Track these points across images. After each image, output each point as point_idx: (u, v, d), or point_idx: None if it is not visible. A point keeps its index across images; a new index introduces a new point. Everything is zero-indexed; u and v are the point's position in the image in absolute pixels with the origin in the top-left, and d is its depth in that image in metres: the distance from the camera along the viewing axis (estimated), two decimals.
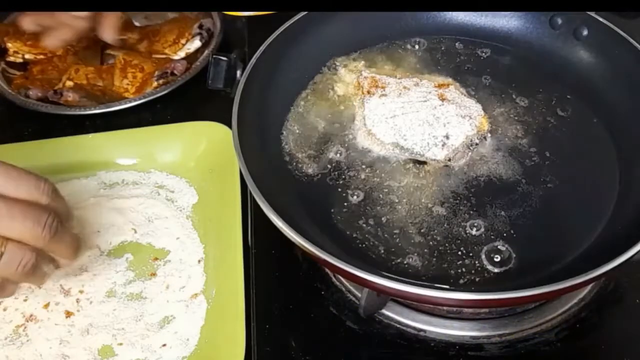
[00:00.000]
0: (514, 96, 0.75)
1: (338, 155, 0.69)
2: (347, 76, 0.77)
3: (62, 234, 0.60)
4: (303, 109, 0.74)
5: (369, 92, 0.72)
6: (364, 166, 0.68)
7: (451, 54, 0.80)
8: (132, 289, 0.70)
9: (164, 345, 0.65)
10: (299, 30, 0.76)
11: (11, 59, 0.98)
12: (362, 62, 0.79)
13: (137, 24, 1.03)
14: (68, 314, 0.68)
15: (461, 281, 0.59)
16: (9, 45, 0.97)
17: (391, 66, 0.78)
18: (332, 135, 0.71)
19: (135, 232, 0.75)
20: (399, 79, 0.73)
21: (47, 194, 0.59)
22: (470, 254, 0.61)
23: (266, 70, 0.72)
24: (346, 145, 0.70)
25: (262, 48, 0.72)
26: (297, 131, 0.72)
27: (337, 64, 0.79)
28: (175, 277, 0.71)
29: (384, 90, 0.71)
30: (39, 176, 0.60)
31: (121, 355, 0.65)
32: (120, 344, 0.65)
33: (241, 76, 0.70)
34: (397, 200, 0.65)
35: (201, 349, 0.65)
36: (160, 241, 0.75)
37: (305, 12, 0.76)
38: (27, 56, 0.97)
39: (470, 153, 0.68)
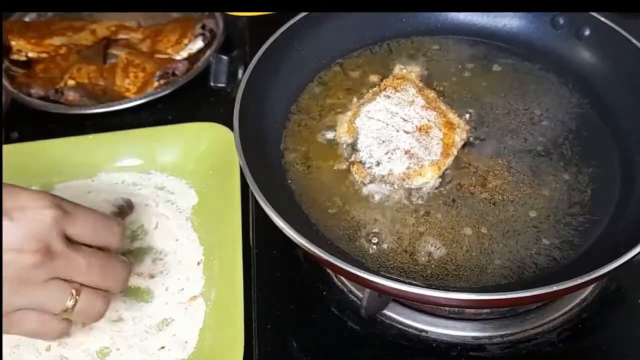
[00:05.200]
0: (515, 96, 0.74)
1: (342, 155, 0.69)
2: (348, 76, 0.77)
3: (125, 273, 0.61)
4: (304, 109, 0.74)
5: (375, 93, 0.72)
6: (367, 165, 0.67)
7: (452, 53, 0.80)
8: (131, 290, 0.70)
9: (163, 347, 0.65)
10: (300, 30, 0.76)
11: (15, 56, 0.98)
12: (362, 61, 0.79)
13: (141, 23, 1.03)
14: None
15: (460, 283, 0.59)
16: (13, 43, 0.98)
17: (391, 66, 0.78)
18: (335, 135, 0.71)
19: None
20: (399, 90, 0.72)
21: (118, 238, 0.61)
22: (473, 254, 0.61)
23: (267, 70, 0.72)
24: (348, 144, 0.70)
25: (263, 48, 0.72)
26: (299, 131, 0.72)
27: (337, 64, 0.79)
28: (174, 279, 0.71)
29: (387, 93, 0.71)
30: (111, 218, 0.61)
31: (119, 357, 0.65)
32: (119, 346, 0.65)
33: (242, 76, 0.70)
34: (398, 202, 0.65)
35: (200, 352, 0.65)
36: (159, 243, 0.74)
37: (306, 13, 0.76)
38: (30, 54, 0.98)
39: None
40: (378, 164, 0.65)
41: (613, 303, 0.65)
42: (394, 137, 0.66)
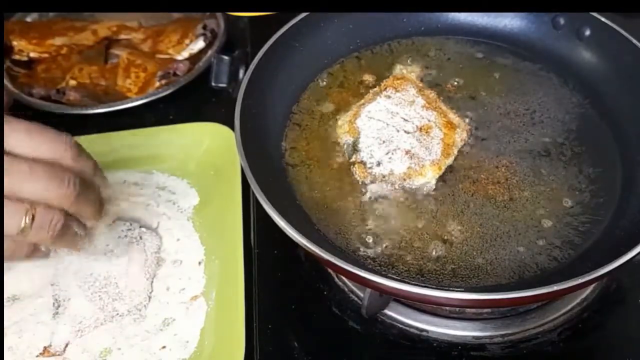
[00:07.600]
0: (515, 96, 0.74)
1: (342, 155, 0.69)
2: (349, 76, 0.77)
3: (86, 192, 0.59)
4: (305, 109, 0.74)
5: (376, 93, 0.72)
6: (368, 165, 0.67)
7: (452, 54, 0.80)
8: None
9: (164, 347, 0.65)
10: (301, 30, 0.76)
11: (16, 57, 0.98)
12: (363, 61, 0.79)
13: (142, 23, 1.03)
14: None
15: (461, 283, 0.59)
16: (15, 43, 0.98)
17: (392, 67, 0.78)
18: (335, 135, 0.71)
19: None
20: (399, 90, 0.72)
21: (69, 151, 0.58)
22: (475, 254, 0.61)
23: (268, 70, 0.72)
24: (348, 144, 0.70)
25: (264, 48, 0.72)
26: (300, 131, 0.72)
27: (338, 64, 0.79)
28: (175, 279, 0.71)
29: (388, 93, 0.71)
30: (59, 132, 0.59)
31: (120, 357, 0.65)
32: (120, 346, 0.65)
33: (243, 76, 0.70)
34: (399, 202, 0.65)
35: (201, 351, 0.65)
36: (161, 242, 0.74)
37: (307, 13, 0.76)
38: (31, 54, 0.98)
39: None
40: (379, 164, 0.65)
41: (613, 303, 0.66)
42: (394, 137, 0.66)
